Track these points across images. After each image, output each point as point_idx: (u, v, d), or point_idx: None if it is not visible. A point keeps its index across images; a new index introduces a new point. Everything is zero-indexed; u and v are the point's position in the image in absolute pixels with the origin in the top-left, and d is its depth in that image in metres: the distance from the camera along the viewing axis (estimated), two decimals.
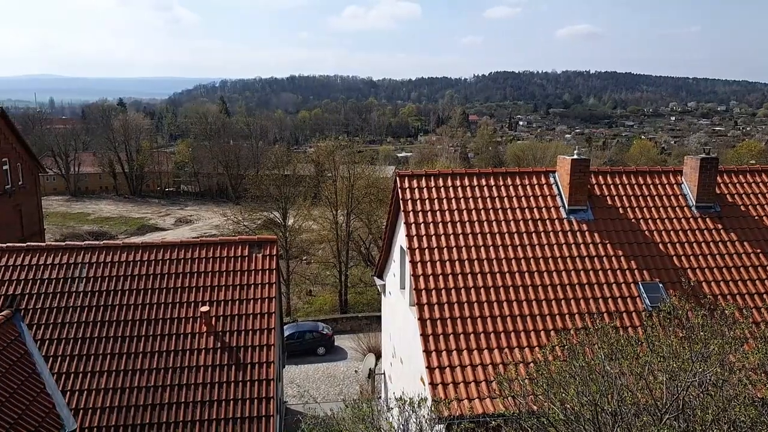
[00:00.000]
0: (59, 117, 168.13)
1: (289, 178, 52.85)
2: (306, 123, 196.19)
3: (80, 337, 13.47)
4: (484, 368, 11.75)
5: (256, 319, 14.20)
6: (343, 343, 32.91)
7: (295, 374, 28.49)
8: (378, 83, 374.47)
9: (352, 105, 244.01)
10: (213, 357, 13.45)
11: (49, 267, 14.50)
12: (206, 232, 72.50)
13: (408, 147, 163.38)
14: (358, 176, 45.28)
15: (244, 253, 15.38)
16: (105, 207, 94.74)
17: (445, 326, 12.41)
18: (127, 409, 12.57)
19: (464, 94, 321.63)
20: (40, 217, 44.09)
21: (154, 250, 15.16)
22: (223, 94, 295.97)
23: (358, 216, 44.69)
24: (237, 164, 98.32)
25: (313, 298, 47.64)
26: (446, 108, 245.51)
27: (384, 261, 19.51)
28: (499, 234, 14.03)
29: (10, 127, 39.54)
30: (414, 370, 14.04)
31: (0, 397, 11.08)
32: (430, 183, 15.04)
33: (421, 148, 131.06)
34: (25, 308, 13.74)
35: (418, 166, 65.83)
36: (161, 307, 14.17)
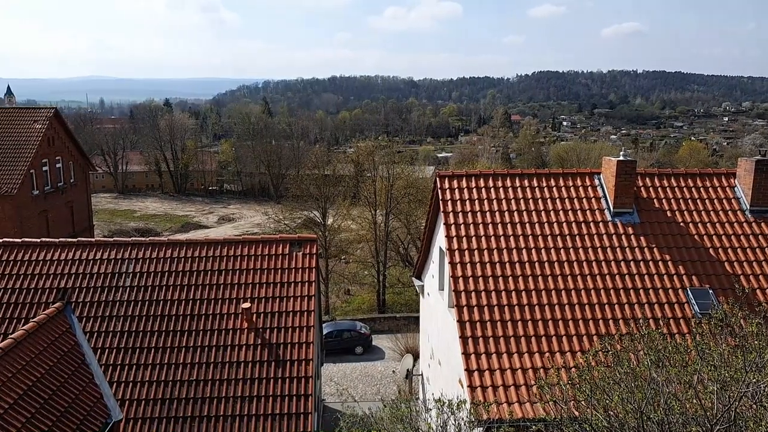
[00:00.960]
0: (109, 117, 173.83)
1: (329, 178, 53.30)
2: (346, 123, 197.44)
3: (127, 330, 13.85)
4: (524, 372, 11.56)
5: (296, 317, 14.33)
6: (380, 343, 32.95)
7: (333, 372, 28.67)
8: (419, 83, 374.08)
9: (392, 105, 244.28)
10: (253, 353, 13.63)
11: (98, 262, 14.95)
12: (248, 230, 73.76)
13: (448, 147, 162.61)
14: (397, 176, 45.31)
15: (284, 251, 15.55)
16: (151, 204, 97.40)
17: (484, 329, 12.26)
18: (170, 402, 12.86)
19: (506, 94, 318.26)
20: (89, 214, 45.65)
21: (197, 247, 15.47)
22: (265, 94, 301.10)
23: (396, 216, 44.70)
24: (278, 164, 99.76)
25: (351, 297, 47.88)
26: (488, 108, 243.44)
27: (423, 262, 19.43)
28: (542, 236, 13.78)
29: (63, 127, 41.08)
30: (452, 372, 13.93)
31: (52, 386, 11.51)
32: (470, 183, 14.89)
33: (461, 148, 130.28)
34: (75, 301, 14.21)
35: (459, 167, 65.36)
36: (204, 303, 14.44)
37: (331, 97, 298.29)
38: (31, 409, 10.61)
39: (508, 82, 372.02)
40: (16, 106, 74.91)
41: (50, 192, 38.58)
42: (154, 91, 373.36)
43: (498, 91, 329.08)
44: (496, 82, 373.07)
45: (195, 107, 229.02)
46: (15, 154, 35.75)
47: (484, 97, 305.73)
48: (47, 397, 11.15)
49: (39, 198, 37.14)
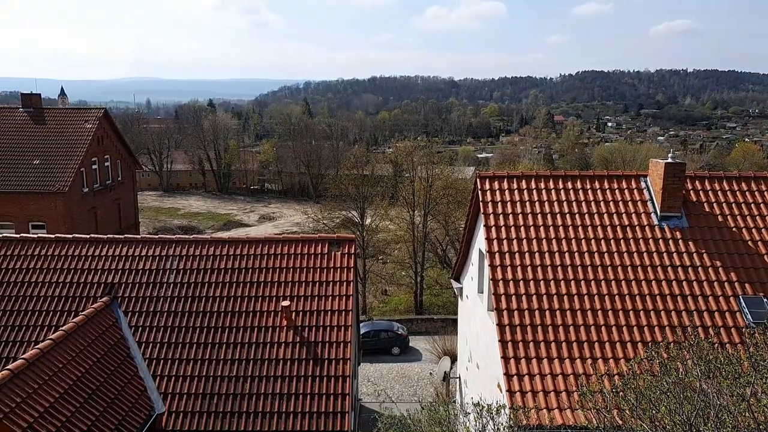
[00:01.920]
0: (155, 117, 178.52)
1: (368, 178, 53.46)
2: (385, 123, 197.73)
3: (170, 325, 14.16)
4: (565, 378, 11.31)
5: (334, 316, 14.40)
6: (417, 345, 32.83)
7: (370, 372, 28.71)
8: (459, 83, 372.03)
9: (432, 105, 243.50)
10: (292, 351, 13.75)
11: (143, 258, 15.33)
12: (287, 229, 74.66)
13: (489, 148, 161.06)
14: (436, 177, 45.12)
15: (323, 250, 15.64)
16: (194, 203, 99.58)
17: (524, 333, 12.06)
18: (211, 397, 13.09)
19: (549, 94, 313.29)
20: (135, 211, 46.97)
21: (239, 245, 15.70)
22: (306, 95, 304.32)
23: (435, 217, 44.52)
24: (318, 164, 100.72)
25: (388, 297, 47.90)
26: (530, 108, 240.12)
27: (462, 264, 19.25)
28: (585, 240, 13.47)
29: (112, 127, 42.39)
30: (491, 376, 13.76)
31: (99, 378, 11.86)
32: (512, 185, 14.67)
33: (502, 148, 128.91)
34: (121, 296, 14.61)
35: (500, 168, 64.71)
36: (244, 300, 14.65)
37: (370, 97, 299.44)
38: (80, 399, 10.95)
39: (551, 82, 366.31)
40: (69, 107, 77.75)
41: (99, 190, 39.85)
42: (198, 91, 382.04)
43: (540, 91, 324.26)
44: (539, 82, 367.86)
45: (238, 108, 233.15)
46: (67, 153, 37.08)
47: (527, 97, 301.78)
48: (95, 388, 11.49)
49: (88, 195, 38.41)
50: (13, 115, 39.45)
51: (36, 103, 40.26)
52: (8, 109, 42.13)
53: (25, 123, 38.72)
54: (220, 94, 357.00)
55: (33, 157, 36.90)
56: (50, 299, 14.41)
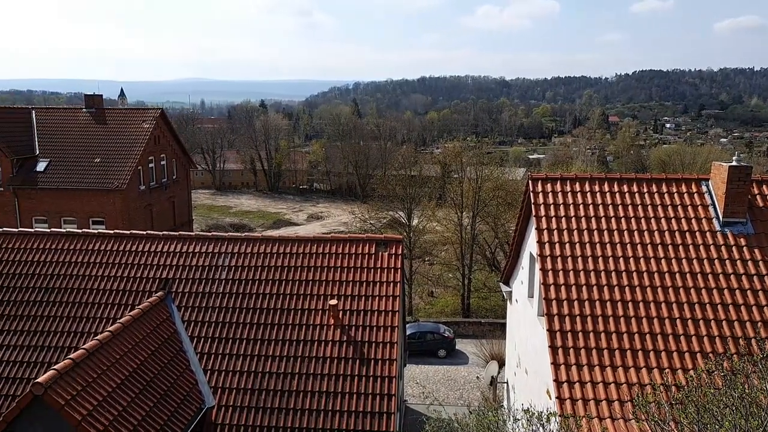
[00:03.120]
0: (208, 117, 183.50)
1: (415, 179, 53.35)
2: (434, 124, 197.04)
3: (221, 320, 14.45)
4: (618, 387, 10.95)
5: (380, 316, 14.38)
6: (464, 348, 32.52)
7: (415, 374, 28.61)
8: (511, 83, 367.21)
9: (482, 105, 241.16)
10: (339, 349, 13.82)
11: (197, 255, 15.70)
12: (335, 228, 75.38)
13: (540, 149, 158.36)
14: (485, 178, 44.58)
15: (370, 250, 15.65)
16: (245, 201, 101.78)
17: (576, 339, 11.74)
18: (259, 393, 13.28)
19: (604, 94, 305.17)
20: (189, 209, 48.33)
21: (288, 244, 15.88)
22: (355, 96, 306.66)
23: (484, 219, 43.99)
24: (366, 164, 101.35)
25: (434, 299, 47.65)
26: (584, 108, 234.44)
27: (511, 267, 18.93)
28: (641, 245, 13.00)
29: (168, 127, 43.76)
30: (540, 383, 13.46)
31: (153, 370, 12.21)
32: (565, 187, 14.31)
33: (555, 149, 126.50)
34: (175, 291, 15.01)
35: (552, 169, 63.47)
36: (293, 298, 14.81)
37: (419, 97, 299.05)
38: (135, 389, 11.31)
39: (606, 81, 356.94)
40: (128, 107, 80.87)
41: (155, 187, 41.19)
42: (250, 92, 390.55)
43: (595, 91, 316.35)
44: (593, 81, 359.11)
45: (288, 108, 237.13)
46: (126, 152, 38.49)
47: (580, 97, 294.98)
48: (149, 379, 11.84)
49: (145, 193, 39.75)
50: (77, 116, 41.25)
51: (98, 103, 41.96)
52: (73, 109, 44.11)
53: (88, 123, 40.40)
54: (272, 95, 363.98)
55: (94, 155, 38.46)
56: (108, 292, 14.93)
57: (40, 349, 13.88)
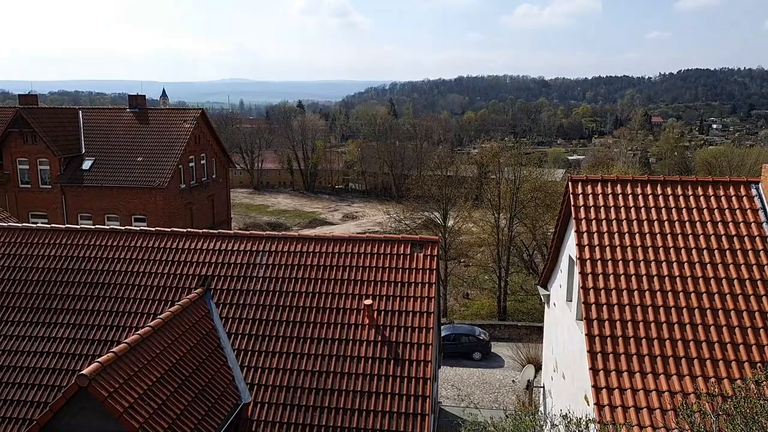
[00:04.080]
0: (247, 117, 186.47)
1: (452, 179, 53.05)
2: (471, 124, 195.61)
3: (258, 318, 14.62)
4: (660, 395, 10.64)
5: (415, 317, 14.33)
6: (500, 351, 32.17)
7: (450, 376, 28.43)
8: (550, 83, 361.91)
9: (521, 105, 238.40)
10: (373, 349, 13.82)
11: (235, 252, 15.92)
12: (369, 228, 75.60)
13: (580, 150, 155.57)
14: (523, 179, 43.97)
15: (406, 251, 15.61)
16: (282, 200, 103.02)
17: (616, 345, 11.46)
18: (295, 390, 13.39)
19: (647, 95, 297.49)
20: (228, 207, 49.16)
21: (324, 243, 15.97)
22: (392, 96, 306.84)
23: (521, 221, 43.42)
24: (401, 164, 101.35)
25: (470, 301, 47.28)
26: (625, 109, 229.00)
27: (549, 270, 18.62)
28: (685, 249, 12.60)
29: (208, 127, 44.60)
30: (578, 388, 13.20)
31: (191, 365, 12.45)
32: (606, 189, 13.99)
33: (595, 151, 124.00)
34: (213, 288, 15.27)
35: (592, 171, 62.20)
36: (328, 297, 14.88)
37: (456, 97, 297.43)
38: (175, 384, 11.54)
39: (650, 81, 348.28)
40: (169, 107, 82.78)
41: (195, 186, 42.04)
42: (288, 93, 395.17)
43: (637, 91, 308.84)
44: (636, 81, 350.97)
45: (325, 109, 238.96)
46: (167, 151, 39.39)
47: (622, 97, 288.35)
48: (188, 374, 12.08)
49: (185, 191, 40.60)
50: (121, 116, 42.43)
51: (141, 103, 43.07)
52: (117, 109, 45.38)
53: (131, 122, 41.51)
54: (309, 96, 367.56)
55: (137, 154, 39.48)
56: (149, 288, 15.28)
57: (84, 342, 14.31)
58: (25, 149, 39.05)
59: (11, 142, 39.14)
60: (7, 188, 39.41)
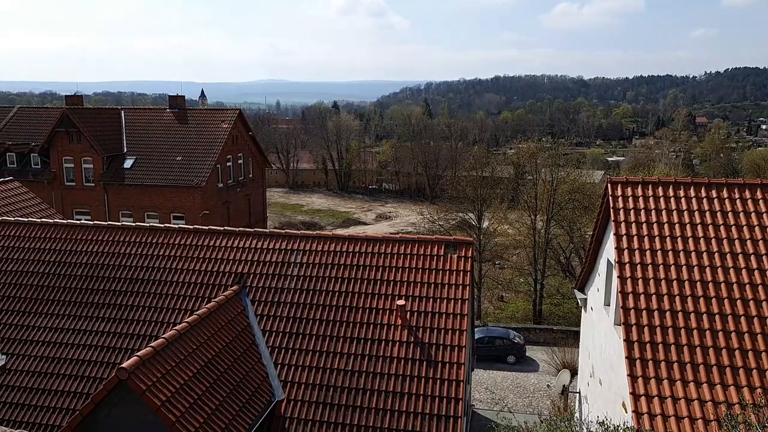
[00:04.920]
0: (283, 117, 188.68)
1: (487, 180, 52.49)
2: (508, 124, 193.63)
3: (292, 316, 14.73)
4: (702, 404, 10.30)
5: (449, 319, 14.22)
6: (534, 355, 31.73)
7: (483, 379, 28.17)
8: (589, 82, 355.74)
9: (558, 105, 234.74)
10: (406, 350, 13.77)
11: (270, 251, 16.07)
12: (403, 228, 75.52)
13: (620, 151, 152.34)
14: (561, 180, 43.23)
15: (439, 252, 15.50)
16: (316, 200, 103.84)
17: (655, 351, 11.15)
18: (327, 389, 13.44)
19: (691, 94, 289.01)
20: (264, 206, 49.81)
21: (358, 243, 15.98)
22: (427, 96, 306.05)
23: (558, 223, 42.71)
24: (436, 164, 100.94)
25: (504, 304, 46.76)
26: (668, 109, 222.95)
27: (587, 273, 18.26)
28: (731, 255, 12.17)
29: (245, 127, 45.26)
30: (615, 395, 12.90)
31: (226, 361, 12.63)
32: (647, 192, 13.63)
33: (635, 152, 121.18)
34: (249, 285, 15.45)
35: (632, 172, 60.72)
36: (361, 297, 14.89)
37: (493, 97, 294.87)
38: (210, 379, 11.72)
39: (694, 80, 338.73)
40: (208, 108, 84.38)
41: (232, 185, 42.71)
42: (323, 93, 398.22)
43: (681, 90, 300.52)
44: (679, 80, 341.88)
45: (360, 109, 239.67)
46: (205, 151, 40.13)
47: (664, 97, 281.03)
48: (222, 370, 12.25)
49: (222, 190, 41.28)
50: (161, 116, 43.41)
51: (181, 104, 43.99)
52: (158, 109, 46.47)
53: (171, 122, 42.43)
54: (344, 96, 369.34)
55: (176, 153, 40.33)
56: (187, 285, 15.56)
57: (124, 336, 14.67)
58: (71, 148, 40.32)
59: (58, 141, 40.47)
60: (53, 186, 40.77)
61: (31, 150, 41.82)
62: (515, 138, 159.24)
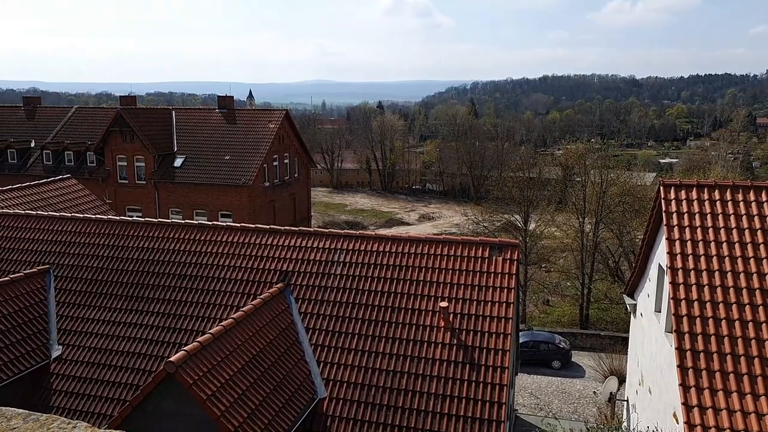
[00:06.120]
0: (329, 118, 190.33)
1: (534, 181, 51.62)
2: (556, 124, 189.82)
3: (335, 314, 14.81)
4: (760, 418, 9.82)
5: (493, 322, 14.01)
6: (580, 360, 31.00)
7: (527, 383, 27.69)
8: (641, 82, 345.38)
9: (609, 105, 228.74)
10: (448, 352, 13.64)
11: (314, 250, 16.19)
12: (446, 229, 75.04)
13: (673, 152, 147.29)
14: (611, 182, 42.08)
15: (484, 254, 15.28)
16: (360, 200, 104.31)
17: (709, 361, 10.69)
18: (369, 388, 13.44)
19: (752, 93, 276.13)
20: (308, 205, 50.37)
21: (401, 243, 15.93)
22: (473, 95, 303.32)
23: (608, 226, 41.59)
24: (481, 165, 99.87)
25: (550, 308, 45.89)
26: (726, 109, 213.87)
27: (637, 278, 17.70)
28: None
29: (292, 127, 45.87)
30: (665, 404, 12.45)
31: (270, 357, 12.79)
32: (702, 195, 13.09)
33: (690, 153, 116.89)
34: (293, 283, 15.62)
35: (686, 175, 58.52)
36: (403, 297, 14.83)
37: (540, 97, 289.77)
38: (254, 375, 11.91)
39: (755, 79, 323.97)
40: (255, 108, 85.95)
41: (278, 184, 43.35)
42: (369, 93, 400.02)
43: (740, 90, 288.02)
44: (739, 79, 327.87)
45: (405, 109, 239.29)
46: (253, 150, 40.86)
47: (722, 96, 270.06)
48: (267, 367, 12.42)
49: (269, 189, 41.95)
50: (211, 116, 44.45)
51: (229, 104, 44.94)
52: (207, 110, 47.64)
53: (220, 122, 43.39)
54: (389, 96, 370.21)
55: (225, 153, 41.22)
56: (233, 282, 15.85)
57: (172, 331, 15.06)
58: (124, 147, 41.74)
59: (112, 140, 41.96)
60: (107, 183, 42.30)
61: (87, 149, 43.52)
62: (563, 139, 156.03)
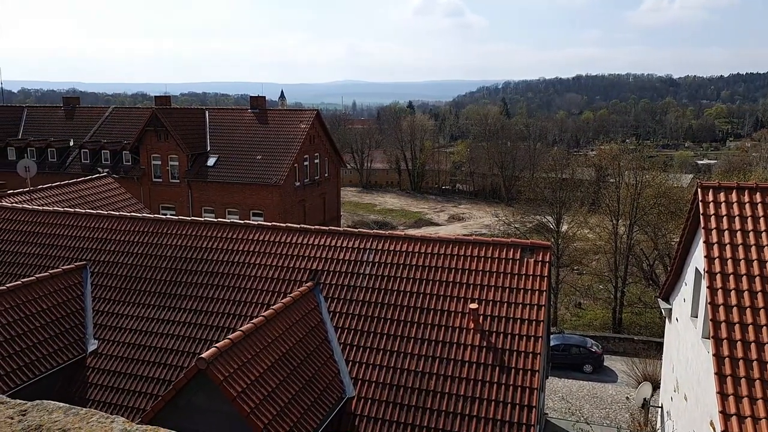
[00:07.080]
0: (359, 118, 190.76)
1: (567, 182, 50.89)
2: (589, 124, 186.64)
3: (364, 314, 14.81)
4: None
5: (524, 325, 13.84)
6: (613, 365, 30.43)
7: (558, 387, 27.31)
8: (678, 81, 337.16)
9: (644, 105, 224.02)
10: (478, 354, 13.52)
11: (344, 249, 16.22)
12: (476, 230, 74.49)
13: (711, 153, 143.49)
14: (646, 184, 41.19)
15: (515, 256, 15.10)
16: (389, 200, 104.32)
17: (748, 368, 10.37)
18: (398, 388, 13.41)
19: None
20: (338, 205, 50.61)
21: (430, 244, 15.86)
22: (505, 95, 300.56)
23: (642, 228, 40.73)
24: (512, 165, 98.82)
25: (582, 311, 45.16)
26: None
27: (672, 282, 17.28)
28: None
29: (322, 127, 46.16)
30: (702, 412, 12.12)
31: (300, 356, 12.88)
32: (742, 197, 12.70)
33: (729, 155, 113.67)
34: (323, 282, 15.69)
35: (725, 177, 56.93)
36: (432, 298, 14.76)
37: (574, 96, 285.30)
38: (284, 373, 12.00)
39: None
40: (287, 108, 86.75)
41: (308, 184, 43.66)
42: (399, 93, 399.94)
43: None
44: None
45: (435, 109, 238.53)
46: (284, 150, 41.25)
47: (765, 96, 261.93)
48: (296, 365, 12.50)
49: (299, 189, 42.28)
50: (243, 116, 45.04)
51: (261, 104, 45.45)
52: (240, 110, 48.30)
53: (252, 122, 43.92)
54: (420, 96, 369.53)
55: (256, 152, 41.70)
56: (263, 280, 16.00)
57: (204, 328, 15.28)
58: (159, 146, 42.57)
59: (147, 139, 42.85)
60: (142, 182, 43.21)
61: (123, 148, 44.54)
62: (597, 139, 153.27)
